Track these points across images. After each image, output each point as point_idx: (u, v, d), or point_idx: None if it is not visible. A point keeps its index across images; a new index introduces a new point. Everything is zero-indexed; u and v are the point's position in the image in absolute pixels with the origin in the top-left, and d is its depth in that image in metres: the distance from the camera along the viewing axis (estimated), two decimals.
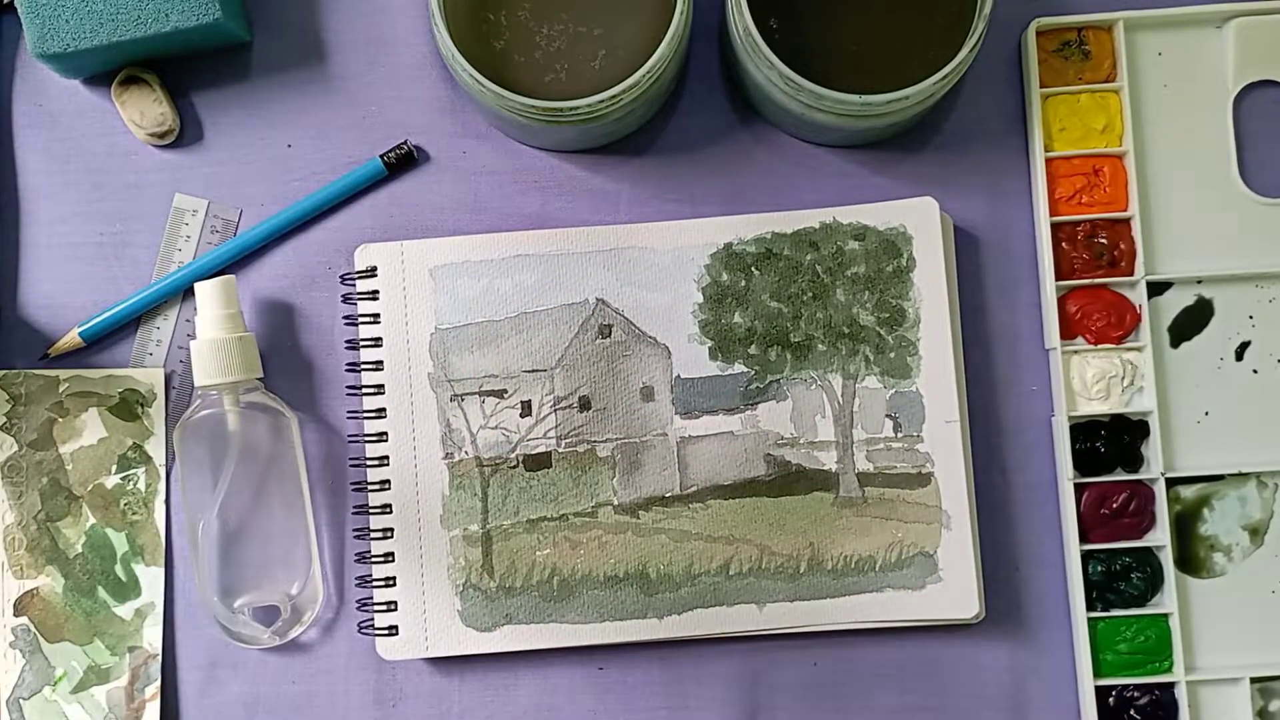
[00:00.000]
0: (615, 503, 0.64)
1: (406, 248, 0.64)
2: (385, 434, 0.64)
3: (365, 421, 0.64)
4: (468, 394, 0.64)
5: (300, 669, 0.65)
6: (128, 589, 0.65)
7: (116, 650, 0.65)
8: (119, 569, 0.65)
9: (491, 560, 0.63)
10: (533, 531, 0.64)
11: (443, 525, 0.64)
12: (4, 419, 0.65)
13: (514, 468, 0.64)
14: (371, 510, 0.64)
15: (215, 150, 0.66)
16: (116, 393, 0.66)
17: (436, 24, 0.60)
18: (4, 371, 0.65)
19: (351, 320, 0.65)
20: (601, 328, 0.64)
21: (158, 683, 0.64)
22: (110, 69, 0.65)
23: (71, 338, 0.65)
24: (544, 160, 0.66)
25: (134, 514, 0.65)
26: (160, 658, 0.65)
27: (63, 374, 0.66)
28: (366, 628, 0.64)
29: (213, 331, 0.62)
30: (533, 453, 0.64)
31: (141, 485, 0.65)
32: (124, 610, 0.65)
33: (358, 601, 0.65)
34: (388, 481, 0.64)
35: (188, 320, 0.66)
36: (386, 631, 0.64)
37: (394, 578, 0.64)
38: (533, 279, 0.64)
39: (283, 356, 0.66)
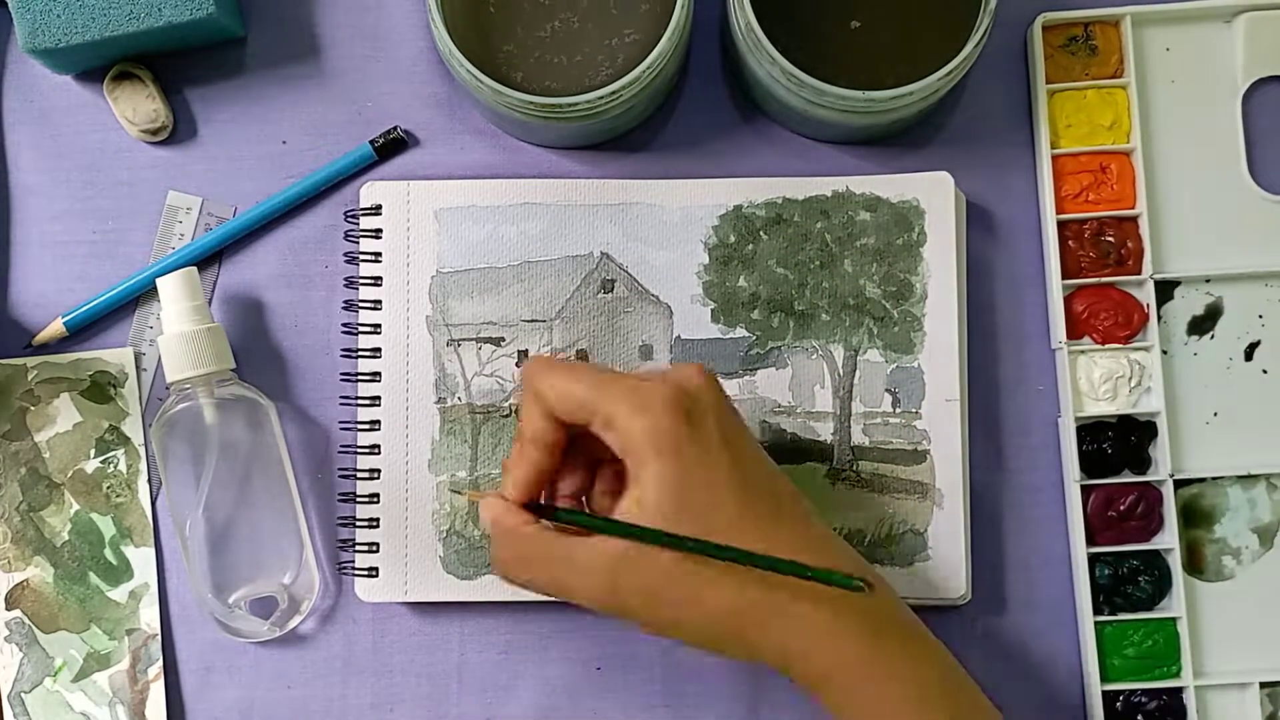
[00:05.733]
0: None
1: (413, 188, 0.64)
2: (378, 374, 0.64)
3: (359, 360, 0.64)
4: (465, 340, 0.64)
5: (296, 673, 0.65)
6: (119, 572, 0.65)
7: (115, 634, 0.64)
8: (108, 553, 0.65)
9: (477, 508, 0.63)
10: None
11: (430, 470, 0.63)
12: None
13: (506, 417, 0.64)
14: (359, 450, 0.64)
15: (209, 147, 0.66)
16: (87, 376, 0.65)
17: (434, 19, 0.59)
18: None
19: (352, 258, 0.65)
20: (604, 282, 0.64)
21: (160, 663, 0.64)
22: (102, 64, 0.65)
23: (55, 327, 0.65)
24: (543, 157, 0.66)
25: (118, 496, 0.65)
26: (160, 637, 0.64)
27: (29, 361, 0.65)
28: (346, 567, 0.64)
29: (179, 325, 0.62)
30: None
31: (123, 467, 0.65)
32: (118, 594, 0.65)
33: (339, 541, 0.65)
34: (377, 422, 0.64)
35: None
36: (366, 573, 0.63)
37: (377, 519, 0.63)
38: (538, 228, 0.64)
39: (270, 342, 0.65)
